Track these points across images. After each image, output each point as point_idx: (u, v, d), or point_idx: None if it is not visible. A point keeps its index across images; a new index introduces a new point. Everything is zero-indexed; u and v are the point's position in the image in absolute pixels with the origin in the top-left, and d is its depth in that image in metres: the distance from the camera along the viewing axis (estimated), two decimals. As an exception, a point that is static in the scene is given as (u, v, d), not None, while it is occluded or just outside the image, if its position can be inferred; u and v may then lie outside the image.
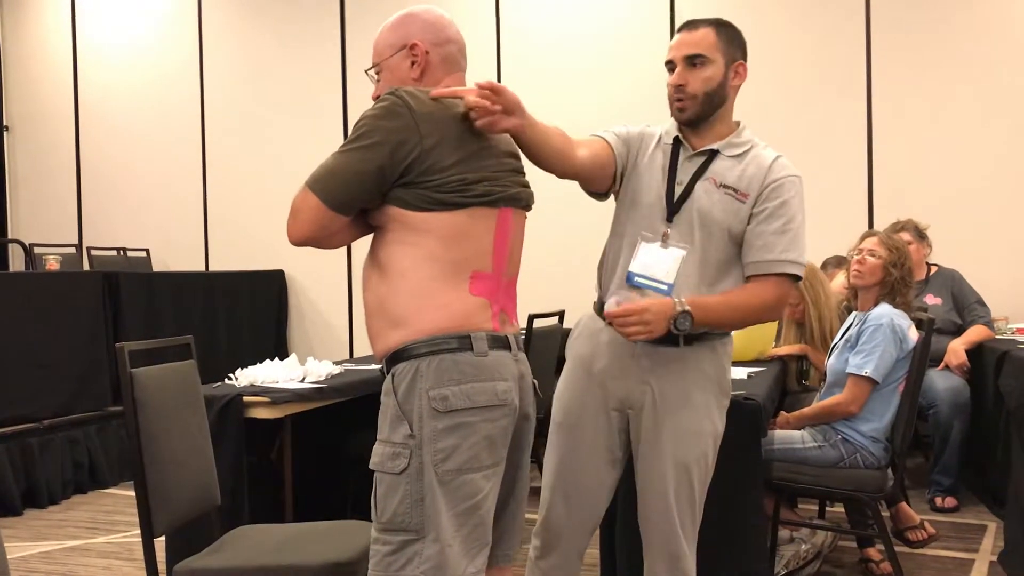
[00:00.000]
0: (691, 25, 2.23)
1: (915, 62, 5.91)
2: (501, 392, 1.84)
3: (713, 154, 2.24)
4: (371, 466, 1.83)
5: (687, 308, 2.07)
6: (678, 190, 2.22)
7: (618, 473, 2.33)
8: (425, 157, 1.80)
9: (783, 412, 3.43)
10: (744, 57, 2.25)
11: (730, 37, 2.23)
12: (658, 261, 2.20)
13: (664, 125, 2.33)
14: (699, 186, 2.22)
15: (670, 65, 2.23)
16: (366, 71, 2.06)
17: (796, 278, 2.20)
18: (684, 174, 2.23)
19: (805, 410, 3.32)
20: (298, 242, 1.86)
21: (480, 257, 1.87)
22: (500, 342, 1.88)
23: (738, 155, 2.23)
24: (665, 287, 2.18)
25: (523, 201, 1.97)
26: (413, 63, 1.95)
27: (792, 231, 2.19)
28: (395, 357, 1.84)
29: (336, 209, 1.82)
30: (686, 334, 2.14)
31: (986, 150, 5.80)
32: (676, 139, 2.27)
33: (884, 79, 5.96)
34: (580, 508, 2.31)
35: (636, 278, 2.21)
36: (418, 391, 1.79)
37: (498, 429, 1.84)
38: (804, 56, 6.10)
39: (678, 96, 2.21)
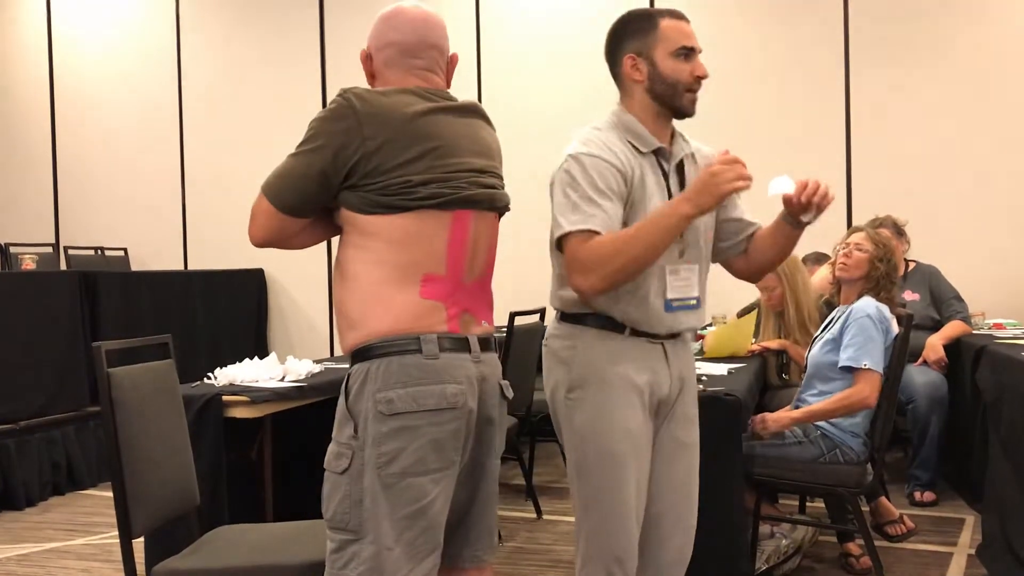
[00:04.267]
0: (684, 16, 2.19)
1: (892, 62, 5.95)
2: (451, 395, 1.82)
3: (680, 161, 2.19)
4: (324, 464, 1.87)
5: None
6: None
7: None
8: (368, 160, 1.79)
9: (787, 409, 3.31)
10: None
11: None
12: (684, 281, 2.17)
13: (605, 126, 2.15)
14: None
15: (687, 52, 2.13)
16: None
17: None
18: (674, 185, 2.16)
19: (818, 405, 3.17)
20: (257, 244, 1.90)
21: (431, 260, 1.85)
22: (457, 344, 1.86)
23: (691, 152, 2.23)
24: (694, 301, 2.19)
25: (484, 203, 1.92)
26: (366, 69, 2.00)
27: None
28: (353, 358, 1.87)
29: (286, 212, 1.84)
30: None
31: (962, 147, 5.85)
32: (660, 149, 2.15)
33: (862, 78, 6.00)
34: (636, 539, 2.18)
35: (674, 303, 2.15)
36: (367, 393, 1.81)
37: (446, 433, 1.82)
38: (783, 56, 6.12)
39: (697, 88, 2.14)
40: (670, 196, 2.13)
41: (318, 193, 1.83)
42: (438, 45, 1.97)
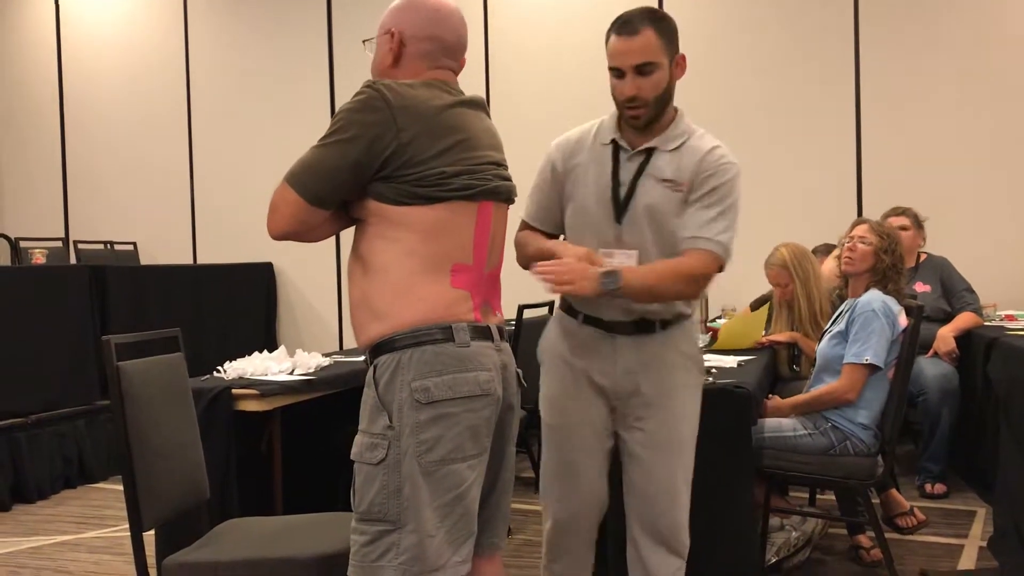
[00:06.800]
0: (630, 28, 2.17)
1: (903, 51, 5.91)
2: (483, 382, 1.84)
3: (650, 151, 2.25)
4: (352, 456, 1.84)
5: (615, 268, 2.10)
6: (623, 192, 2.24)
7: (609, 460, 2.38)
8: (403, 151, 1.79)
9: (776, 396, 3.41)
10: (679, 47, 2.24)
11: (669, 33, 2.21)
12: (618, 265, 2.20)
13: (601, 120, 2.33)
14: (641, 184, 2.23)
15: (617, 72, 2.20)
16: (364, 41, 2.06)
17: (720, 261, 2.21)
18: (626, 174, 2.25)
19: (800, 397, 3.30)
20: (278, 237, 1.86)
21: (461, 250, 1.87)
22: (482, 333, 1.88)
23: (675, 148, 2.25)
24: None
25: (503, 195, 1.96)
26: (390, 49, 1.94)
27: (726, 216, 2.21)
28: (378, 349, 1.85)
29: (314, 204, 1.82)
30: (660, 321, 2.26)
31: (974, 138, 5.81)
32: (613, 141, 2.26)
33: (872, 68, 5.96)
34: (586, 505, 2.36)
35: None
36: (399, 383, 1.80)
37: (481, 419, 1.84)
38: (792, 46, 6.08)
39: (632, 105, 2.19)
40: (614, 182, 2.24)
41: (349, 184, 1.82)
42: (466, 48, 2.01)
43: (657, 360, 2.27)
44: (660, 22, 2.20)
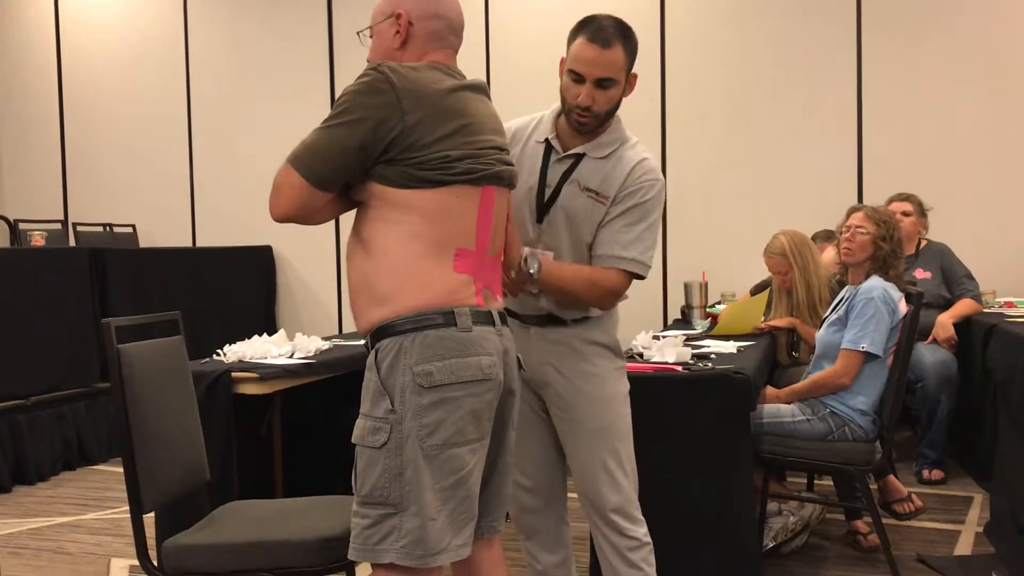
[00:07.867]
0: (603, 39, 2.18)
1: (906, 36, 5.89)
2: (486, 367, 1.84)
3: (580, 156, 2.28)
4: (353, 440, 1.84)
5: (537, 253, 2.17)
6: (547, 192, 2.28)
7: (557, 439, 2.44)
8: (407, 134, 1.78)
9: (771, 387, 3.43)
10: (634, 65, 2.27)
11: (633, 51, 2.24)
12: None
13: (542, 115, 2.37)
14: (565, 189, 2.28)
15: (577, 77, 2.21)
16: (358, 32, 2.05)
17: (638, 276, 2.29)
18: (553, 176, 2.29)
19: (796, 385, 3.32)
20: (280, 219, 1.85)
21: (464, 235, 1.86)
22: (484, 317, 1.88)
23: (604, 156, 2.28)
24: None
25: (506, 180, 1.96)
26: (396, 32, 1.93)
27: (644, 234, 2.27)
28: (379, 333, 1.84)
29: (318, 186, 1.81)
30: (571, 320, 2.29)
31: (975, 125, 5.80)
32: (547, 140, 2.31)
33: (875, 53, 5.94)
34: (540, 484, 2.44)
35: None
36: (402, 367, 1.80)
37: (483, 404, 1.85)
38: (794, 31, 6.06)
39: (583, 114, 2.23)
40: (541, 183, 2.28)
41: (353, 167, 1.81)
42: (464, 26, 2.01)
43: (569, 349, 2.33)
44: (628, 40, 2.23)
